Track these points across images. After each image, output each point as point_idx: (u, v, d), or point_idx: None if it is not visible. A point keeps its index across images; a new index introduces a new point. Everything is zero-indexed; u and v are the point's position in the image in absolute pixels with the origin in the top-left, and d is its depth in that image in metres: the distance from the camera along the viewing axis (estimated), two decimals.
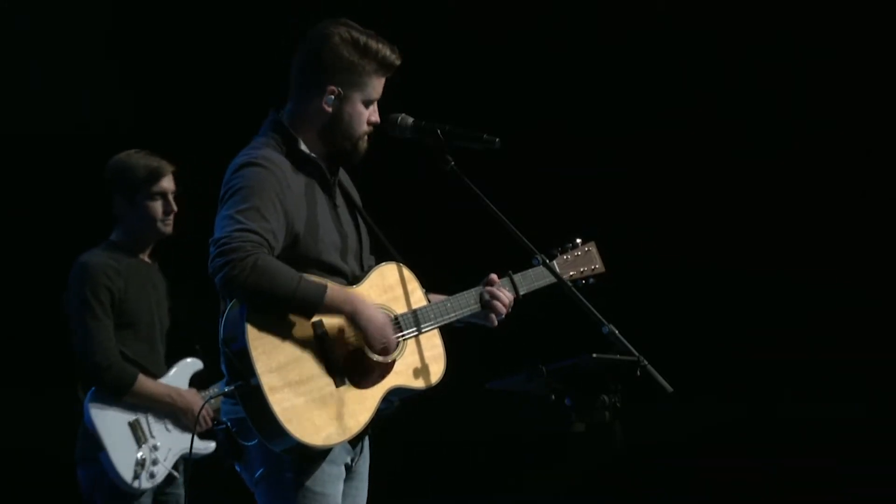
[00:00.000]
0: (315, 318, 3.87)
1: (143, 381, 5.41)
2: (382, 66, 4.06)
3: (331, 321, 3.89)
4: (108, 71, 6.62)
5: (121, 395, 5.36)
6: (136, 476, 5.34)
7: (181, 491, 5.52)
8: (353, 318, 3.88)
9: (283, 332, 3.82)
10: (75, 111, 6.53)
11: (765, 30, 6.96)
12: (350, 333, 3.91)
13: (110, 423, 5.36)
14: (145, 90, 6.66)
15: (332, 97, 4.04)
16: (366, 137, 4.10)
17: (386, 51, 4.05)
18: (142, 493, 5.38)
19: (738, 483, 6.93)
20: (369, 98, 4.07)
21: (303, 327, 3.85)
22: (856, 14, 6.83)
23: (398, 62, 4.09)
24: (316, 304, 3.82)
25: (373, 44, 4.04)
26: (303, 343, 3.84)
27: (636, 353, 3.94)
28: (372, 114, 4.09)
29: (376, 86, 4.08)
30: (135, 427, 5.38)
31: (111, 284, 5.42)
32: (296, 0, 6.12)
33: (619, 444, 4.26)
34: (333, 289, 3.86)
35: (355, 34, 4.05)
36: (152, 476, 5.38)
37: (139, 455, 5.36)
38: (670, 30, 6.95)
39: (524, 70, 7.01)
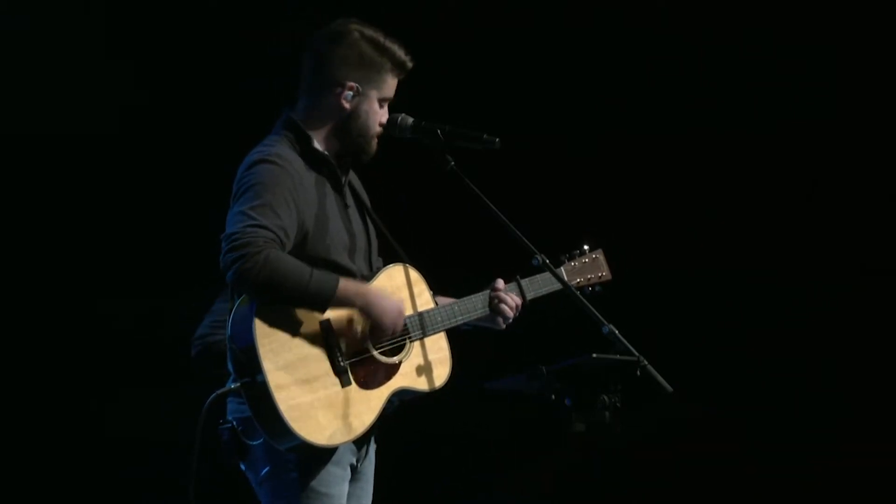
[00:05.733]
0: (323, 318, 3.87)
1: None
2: (397, 65, 4.09)
3: (339, 321, 3.90)
4: (108, 71, 6.61)
5: None
6: None
7: None
8: (364, 310, 3.89)
9: (290, 330, 3.83)
10: (75, 111, 6.53)
11: (765, 29, 6.96)
12: (358, 333, 3.92)
13: None
14: (149, 90, 6.65)
15: (352, 94, 4.06)
16: (377, 139, 4.12)
17: (401, 51, 4.10)
18: None
19: (734, 483, 6.94)
20: (385, 96, 4.11)
21: (311, 326, 3.86)
22: (856, 14, 6.83)
23: (411, 64, 4.13)
24: (328, 297, 3.83)
25: (389, 43, 4.09)
26: (310, 342, 3.85)
27: (636, 353, 3.94)
28: (383, 115, 4.12)
29: (392, 85, 4.11)
30: None
31: None
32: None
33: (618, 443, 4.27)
34: (346, 281, 3.88)
35: (373, 32, 4.09)
36: None
37: None
38: (670, 29, 6.94)
39: (524, 70, 7.01)
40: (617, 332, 3.94)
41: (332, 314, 3.88)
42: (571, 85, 6.98)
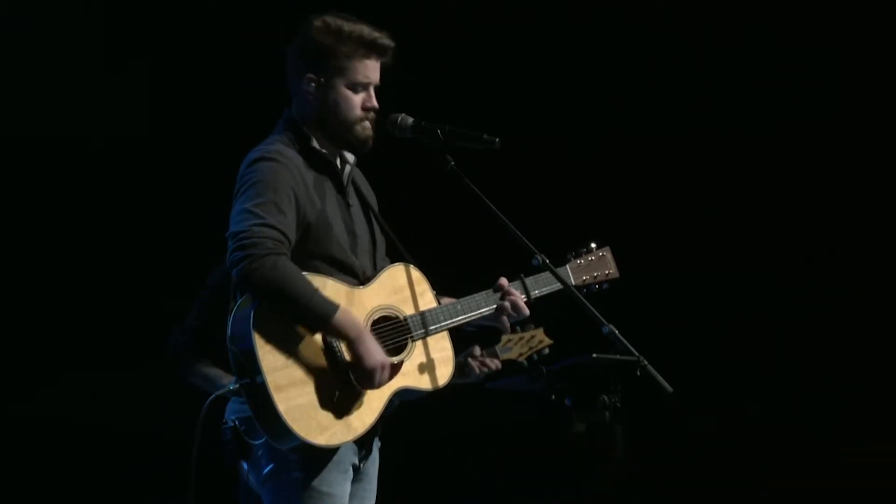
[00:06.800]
0: None
1: None
2: (362, 46, 3.99)
3: None
4: (108, 71, 6.61)
5: None
6: None
7: None
8: (354, 343, 3.85)
9: (290, 331, 3.82)
10: (75, 112, 6.53)
11: (765, 29, 6.96)
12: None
13: None
14: (149, 90, 6.65)
15: (313, 85, 4.02)
16: (367, 124, 4.04)
17: (363, 30, 3.99)
18: None
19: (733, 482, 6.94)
20: (353, 81, 4.01)
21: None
22: (856, 14, 6.83)
23: (383, 41, 4.02)
24: (324, 320, 3.82)
25: (348, 26, 3.99)
26: (310, 343, 3.84)
27: (636, 353, 3.94)
28: (367, 99, 4.03)
29: (360, 69, 4.00)
30: None
31: None
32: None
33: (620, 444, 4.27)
34: (345, 312, 3.85)
35: (330, 20, 4.01)
36: None
37: None
38: (670, 29, 6.95)
39: (524, 70, 7.01)
40: (617, 332, 3.93)
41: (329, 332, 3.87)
42: (571, 85, 6.98)
